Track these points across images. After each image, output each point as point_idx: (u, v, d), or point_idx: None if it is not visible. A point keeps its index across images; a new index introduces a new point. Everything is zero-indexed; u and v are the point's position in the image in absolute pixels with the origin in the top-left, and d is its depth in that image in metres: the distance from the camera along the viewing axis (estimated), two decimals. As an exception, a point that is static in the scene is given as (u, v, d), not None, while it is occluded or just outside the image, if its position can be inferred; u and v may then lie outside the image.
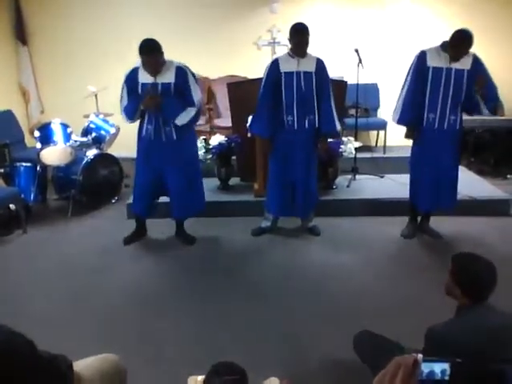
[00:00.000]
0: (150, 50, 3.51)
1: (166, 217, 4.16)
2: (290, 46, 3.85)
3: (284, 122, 3.90)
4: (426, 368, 0.96)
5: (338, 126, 4.02)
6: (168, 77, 3.65)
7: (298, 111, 3.87)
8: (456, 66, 3.67)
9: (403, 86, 3.89)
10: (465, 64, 3.67)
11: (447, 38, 3.66)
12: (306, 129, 3.91)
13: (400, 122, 3.94)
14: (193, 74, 3.74)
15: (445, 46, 3.68)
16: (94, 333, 2.86)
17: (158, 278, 3.57)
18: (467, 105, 3.78)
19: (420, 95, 3.77)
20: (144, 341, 2.79)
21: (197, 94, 3.72)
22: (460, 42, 3.57)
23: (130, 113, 3.75)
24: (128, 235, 4.17)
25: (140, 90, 3.68)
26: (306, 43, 3.77)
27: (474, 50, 3.73)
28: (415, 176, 4.04)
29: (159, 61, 3.59)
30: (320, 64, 3.86)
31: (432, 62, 3.71)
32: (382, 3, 6.41)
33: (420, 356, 0.95)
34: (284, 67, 3.83)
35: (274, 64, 3.86)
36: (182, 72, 3.67)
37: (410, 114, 3.83)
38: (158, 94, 3.61)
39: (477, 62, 3.70)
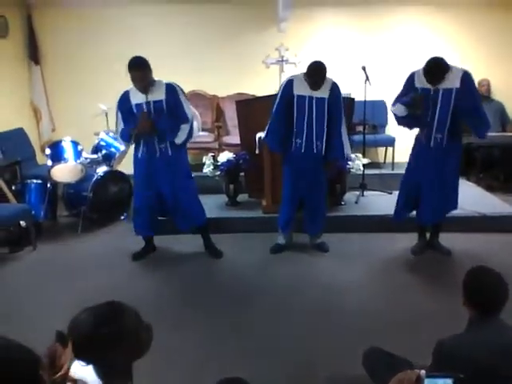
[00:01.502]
0: (138, 65, 3.62)
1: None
2: (305, 69, 3.84)
3: (292, 144, 3.92)
4: (430, 383, 0.96)
5: (347, 151, 4.01)
6: (158, 94, 3.73)
7: (307, 136, 3.88)
8: (442, 86, 3.67)
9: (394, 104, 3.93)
10: (453, 83, 3.66)
11: (449, 57, 3.69)
12: (313, 153, 3.92)
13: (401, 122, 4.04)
14: (182, 91, 3.83)
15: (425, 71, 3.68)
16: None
17: (166, 295, 3.58)
18: (470, 123, 3.79)
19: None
20: (150, 357, 2.78)
21: (189, 109, 3.81)
22: (430, 71, 3.61)
23: (126, 136, 3.84)
24: (137, 251, 4.20)
25: (135, 111, 3.77)
26: (321, 81, 3.78)
27: (478, 68, 3.76)
28: (405, 190, 4.06)
29: (147, 76, 3.67)
30: (334, 89, 3.85)
31: (420, 83, 3.73)
32: (389, 24, 6.49)
33: (423, 372, 0.95)
34: (298, 90, 3.83)
35: (289, 84, 3.85)
36: (171, 88, 3.76)
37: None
38: (151, 117, 3.70)
39: (466, 79, 3.69)
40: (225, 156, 4.98)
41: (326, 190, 4.24)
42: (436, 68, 3.60)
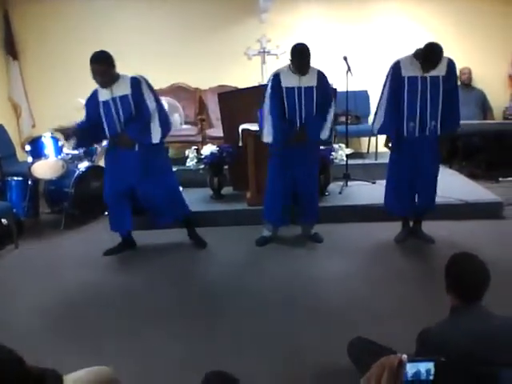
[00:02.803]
0: (98, 59, 3.58)
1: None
2: (289, 61, 3.81)
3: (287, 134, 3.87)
4: (412, 368, 0.96)
5: (324, 136, 3.95)
6: (124, 89, 3.69)
7: (299, 125, 3.87)
8: (431, 73, 3.69)
9: (381, 96, 3.91)
10: (440, 70, 3.68)
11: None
12: (307, 141, 3.90)
13: (382, 131, 3.98)
14: (147, 82, 3.75)
15: (418, 55, 3.68)
16: (85, 347, 2.83)
17: (152, 290, 3.54)
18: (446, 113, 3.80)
19: (398, 104, 3.78)
20: (136, 354, 2.77)
21: (152, 102, 3.71)
22: (430, 56, 3.60)
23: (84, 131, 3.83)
24: (111, 248, 4.16)
25: (101, 109, 3.73)
26: (307, 64, 3.77)
27: (460, 57, 3.78)
28: (393, 183, 4.04)
29: (107, 71, 3.62)
30: (321, 77, 3.86)
31: (406, 71, 3.73)
32: (369, 15, 6.49)
33: (404, 356, 0.95)
34: (285, 82, 3.82)
35: (276, 78, 3.83)
36: (135, 81, 3.70)
37: (391, 124, 3.85)
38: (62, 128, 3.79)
39: (451, 67, 3.73)
40: (208, 149, 4.95)
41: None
42: (435, 54, 3.57)
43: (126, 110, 3.70)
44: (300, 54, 3.73)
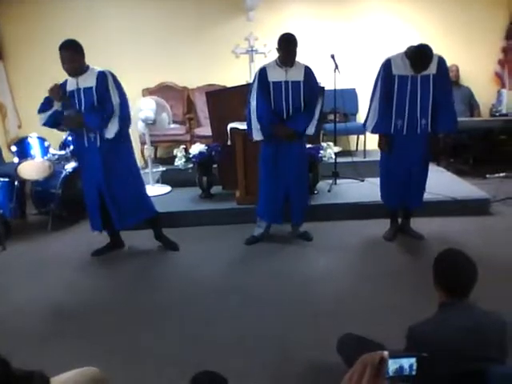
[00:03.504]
0: (67, 46, 3.59)
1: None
2: (276, 55, 3.82)
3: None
4: (394, 364, 0.96)
5: (310, 132, 3.92)
6: (89, 81, 3.66)
7: (286, 119, 3.85)
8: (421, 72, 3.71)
9: (373, 95, 3.91)
10: (430, 69, 3.70)
11: (416, 42, 3.70)
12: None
13: (376, 130, 3.97)
14: (115, 78, 3.70)
15: (409, 54, 3.69)
16: (72, 347, 2.80)
17: (139, 292, 3.51)
18: (439, 113, 3.81)
19: (390, 102, 3.80)
20: (124, 353, 2.75)
21: (116, 99, 3.65)
22: (420, 58, 3.61)
23: (47, 116, 3.75)
24: (98, 248, 4.12)
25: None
26: (294, 53, 3.76)
27: (447, 54, 3.81)
28: (385, 178, 4.08)
29: (76, 59, 3.61)
30: (308, 72, 3.86)
31: (397, 70, 3.74)
32: (356, 13, 6.51)
33: (386, 353, 0.95)
34: (272, 77, 3.81)
35: (262, 73, 3.82)
36: (102, 75, 3.67)
37: (384, 123, 3.86)
38: (56, 87, 3.65)
39: (442, 64, 3.74)
40: (197, 148, 4.93)
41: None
42: (426, 57, 3.59)
43: (88, 101, 3.65)
44: (287, 42, 3.73)
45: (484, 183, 5.41)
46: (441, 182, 5.06)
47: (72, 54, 3.58)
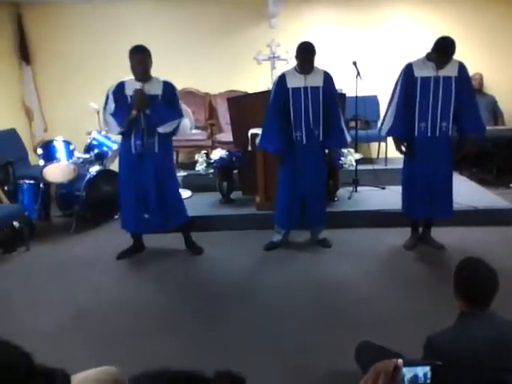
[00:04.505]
0: (141, 49, 3.69)
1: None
2: (295, 62, 3.86)
3: (293, 138, 3.90)
4: (409, 372, 0.96)
5: (349, 138, 4.06)
6: (155, 89, 3.75)
7: (306, 126, 3.88)
8: (443, 73, 3.70)
9: (391, 99, 3.91)
10: (452, 71, 3.70)
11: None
12: (313, 143, 3.92)
13: (389, 134, 3.99)
14: (176, 89, 3.91)
15: (429, 56, 3.71)
16: (94, 348, 2.86)
17: (160, 295, 3.56)
18: (465, 118, 3.79)
19: (409, 107, 3.79)
20: (146, 356, 2.78)
21: (182, 108, 3.89)
22: (444, 48, 3.61)
23: (121, 119, 3.74)
24: (123, 250, 4.18)
25: (130, 102, 3.73)
26: (312, 61, 3.80)
27: (470, 62, 3.78)
28: (408, 185, 4.02)
29: (147, 62, 3.71)
30: (327, 78, 3.88)
31: (419, 72, 3.74)
32: (378, 20, 6.49)
33: (400, 361, 0.95)
34: (291, 83, 3.84)
35: (281, 80, 3.86)
36: (169, 86, 3.81)
37: (399, 127, 3.85)
38: (146, 95, 3.68)
39: (463, 69, 3.75)
40: (218, 153, 4.98)
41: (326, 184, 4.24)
42: (449, 45, 3.59)
43: (154, 105, 3.73)
44: (304, 50, 3.77)
45: (508, 193, 5.32)
46: (463, 191, 4.99)
47: (144, 56, 3.70)
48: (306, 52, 3.77)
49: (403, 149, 3.95)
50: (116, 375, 1.76)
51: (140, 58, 3.67)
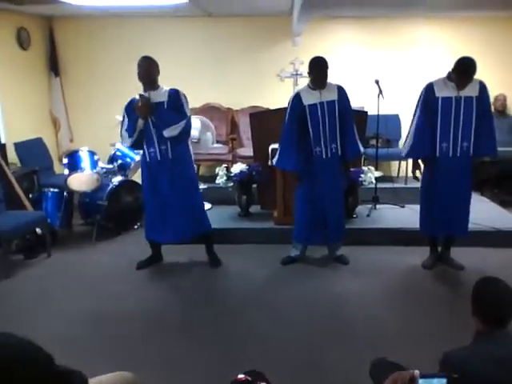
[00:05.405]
0: (147, 57, 3.85)
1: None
2: (309, 78, 3.92)
3: (312, 153, 3.92)
4: None
5: (362, 149, 4.09)
6: (161, 97, 3.86)
7: (324, 141, 3.91)
8: (464, 93, 3.70)
9: (412, 121, 3.92)
10: (473, 91, 3.70)
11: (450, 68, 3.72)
12: (331, 157, 3.94)
13: (410, 155, 4.00)
14: (184, 96, 3.95)
15: (450, 76, 3.72)
16: (112, 355, 2.89)
17: (177, 304, 3.60)
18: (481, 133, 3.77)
19: (430, 127, 3.79)
20: (163, 363, 2.81)
21: (188, 111, 3.93)
22: (465, 68, 3.61)
23: (130, 130, 3.89)
24: (142, 260, 4.24)
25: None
26: (325, 75, 3.84)
27: (494, 83, 3.77)
28: (427, 203, 4.00)
29: (153, 70, 3.85)
30: (341, 91, 3.93)
31: (440, 92, 3.74)
32: (401, 40, 6.53)
33: (417, 372, 0.96)
34: (307, 100, 3.88)
35: (297, 98, 3.90)
36: (174, 92, 3.89)
37: (420, 149, 3.86)
38: (150, 101, 3.80)
39: (483, 89, 3.74)
40: (238, 167, 5.03)
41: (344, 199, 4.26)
42: (472, 67, 3.60)
43: (162, 115, 3.83)
44: (317, 65, 3.82)
45: (530, 215, 5.24)
46: (484, 212, 4.94)
47: (149, 64, 3.83)
48: (319, 66, 3.82)
49: (422, 166, 3.94)
50: (131, 380, 1.80)
51: (141, 64, 3.81)
